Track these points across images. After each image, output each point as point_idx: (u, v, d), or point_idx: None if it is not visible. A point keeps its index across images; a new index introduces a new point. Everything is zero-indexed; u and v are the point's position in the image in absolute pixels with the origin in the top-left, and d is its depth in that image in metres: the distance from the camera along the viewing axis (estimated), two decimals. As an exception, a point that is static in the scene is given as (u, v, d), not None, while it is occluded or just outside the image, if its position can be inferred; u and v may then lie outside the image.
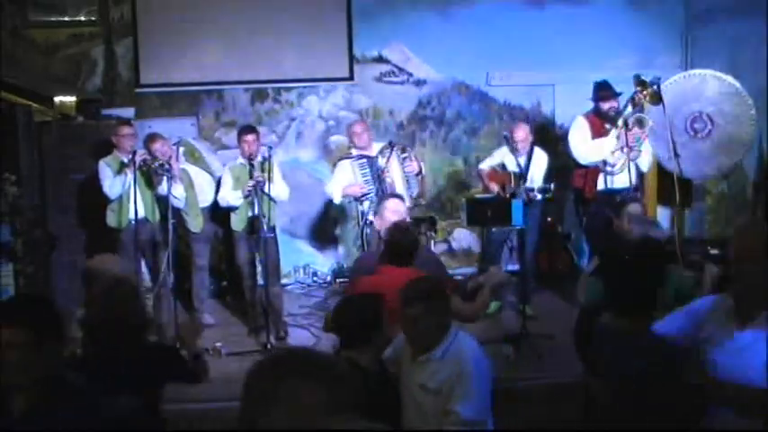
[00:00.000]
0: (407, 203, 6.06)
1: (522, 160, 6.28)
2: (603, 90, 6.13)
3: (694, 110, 6.81)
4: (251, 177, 5.86)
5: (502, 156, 6.58)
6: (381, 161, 6.04)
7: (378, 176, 6.05)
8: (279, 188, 6.05)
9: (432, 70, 7.84)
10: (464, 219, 6.66)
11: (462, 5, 7.72)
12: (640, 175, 6.17)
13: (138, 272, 6.04)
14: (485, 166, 6.68)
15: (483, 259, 7.57)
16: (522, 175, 6.21)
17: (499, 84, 7.88)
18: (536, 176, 6.24)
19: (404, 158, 6.13)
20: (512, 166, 6.43)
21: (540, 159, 6.42)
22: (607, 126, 6.03)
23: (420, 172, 6.23)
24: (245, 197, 5.93)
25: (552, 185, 6.00)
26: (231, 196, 6.03)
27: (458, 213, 7.69)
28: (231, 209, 6.09)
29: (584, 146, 6.11)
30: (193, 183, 6.31)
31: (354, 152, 6.28)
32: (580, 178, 6.23)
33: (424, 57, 7.80)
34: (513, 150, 6.37)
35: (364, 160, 6.13)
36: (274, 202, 6.04)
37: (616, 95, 6.08)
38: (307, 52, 7.60)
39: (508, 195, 6.24)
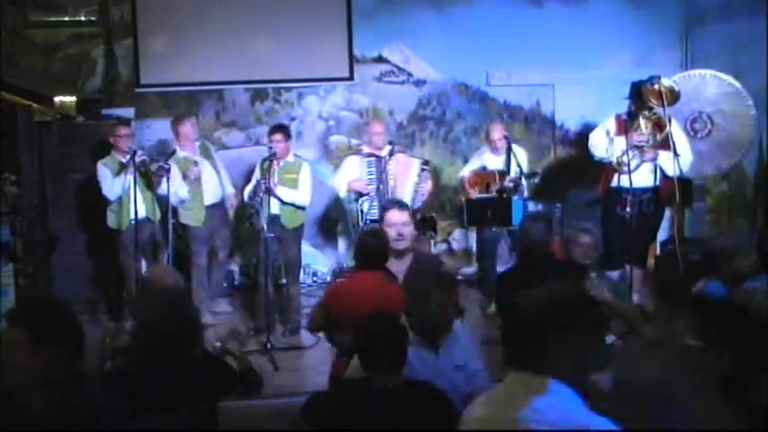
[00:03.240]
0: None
1: (503, 158, 6.36)
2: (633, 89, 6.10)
3: (694, 110, 6.80)
4: (266, 175, 5.87)
5: (481, 159, 6.65)
6: (390, 163, 6.01)
7: (381, 177, 6.03)
8: (295, 193, 6.06)
9: (432, 70, 7.84)
10: (464, 219, 6.67)
11: (462, 5, 7.72)
12: (665, 176, 6.05)
13: (138, 272, 6.05)
14: (465, 172, 6.71)
15: (477, 259, 7.59)
16: (505, 172, 6.26)
17: (499, 84, 7.88)
18: (517, 172, 6.30)
19: (422, 170, 6.09)
20: (492, 167, 6.48)
21: (519, 155, 6.49)
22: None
23: (432, 192, 6.25)
24: (251, 198, 5.97)
25: (540, 170, 6.01)
26: (247, 192, 6.10)
27: (458, 213, 7.69)
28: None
29: (596, 141, 6.08)
30: (201, 176, 6.30)
31: (366, 149, 6.27)
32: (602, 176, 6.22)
33: (424, 57, 7.80)
34: (493, 150, 6.47)
35: (372, 159, 6.11)
36: (289, 205, 6.06)
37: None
38: (307, 52, 7.60)
39: (495, 193, 6.26)
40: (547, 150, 7.81)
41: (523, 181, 6.15)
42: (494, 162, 6.54)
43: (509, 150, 6.41)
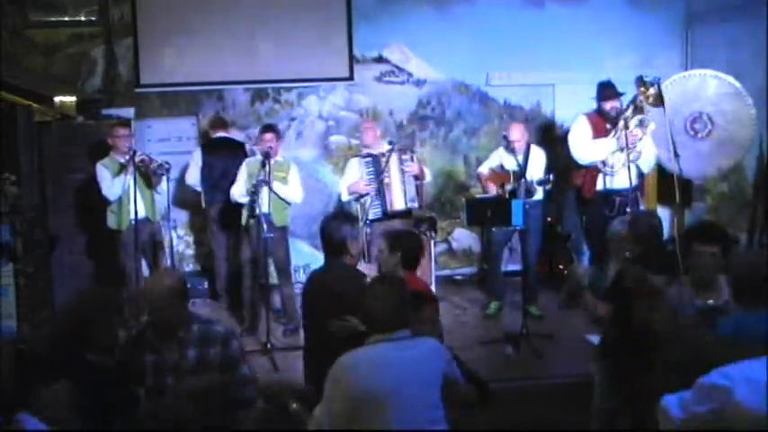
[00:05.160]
0: (402, 206, 6.08)
1: (520, 159, 6.35)
2: (606, 89, 6.15)
3: (694, 110, 6.81)
4: (259, 172, 5.87)
5: (499, 157, 6.62)
6: (383, 161, 6.06)
7: (378, 176, 6.06)
8: (291, 190, 6.06)
9: (432, 70, 7.84)
10: (464, 219, 6.66)
11: (462, 5, 7.72)
12: (641, 175, 6.17)
13: (138, 271, 6.06)
14: (483, 169, 6.70)
15: (483, 259, 7.59)
16: (521, 173, 6.26)
17: (499, 84, 7.88)
18: (535, 174, 6.29)
19: (404, 160, 6.14)
20: (510, 166, 6.47)
21: (538, 157, 6.47)
22: (608, 126, 6.04)
23: (420, 176, 6.24)
24: (251, 194, 5.95)
25: (551, 176, 6.02)
26: (238, 192, 6.06)
27: (458, 213, 7.69)
28: (240, 205, 6.10)
29: (583, 145, 6.13)
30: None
31: (364, 150, 6.31)
32: (580, 178, 6.24)
33: (424, 57, 7.80)
34: (511, 151, 6.43)
35: (369, 159, 6.16)
36: (286, 203, 6.06)
37: (618, 95, 6.09)
38: (307, 52, 7.60)
39: (507, 194, 6.26)
40: (547, 151, 7.79)
41: (536, 186, 6.16)
42: (509, 162, 6.52)
43: (527, 152, 6.40)
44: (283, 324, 6.24)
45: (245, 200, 5.99)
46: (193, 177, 6.85)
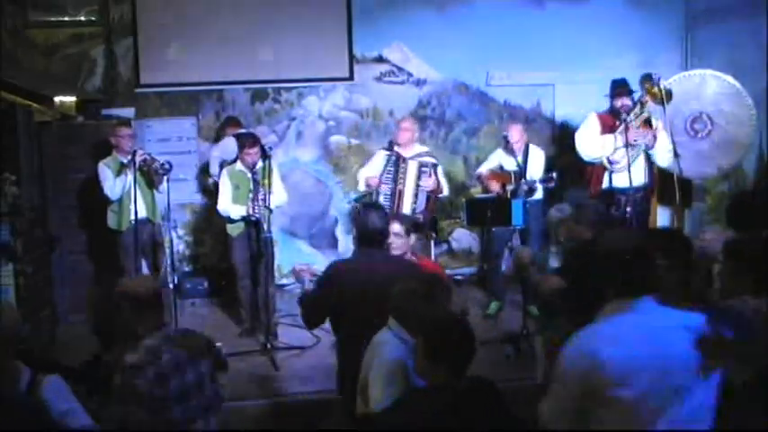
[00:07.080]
0: (408, 213, 6.07)
1: (519, 159, 6.37)
2: (618, 87, 6.14)
3: (694, 110, 6.81)
4: (253, 188, 5.87)
5: (498, 158, 6.65)
6: (402, 168, 6.05)
7: (395, 178, 6.06)
8: (278, 195, 6.03)
9: (432, 70, 7.84)
10: (464, 219, 6.67)
11: (462, 5, 7.72)
12: (653, 172, 6.13)
13: (138, 271, 6.06)
14: (483, 169, 6.71)
15: (483, 259, 7.59)
16: (520, 173, 6.27)
17: (499, 84, 7.88)
18: (534, 173, 6.32)
19: (422, 172, 6.13)
20: (509, 167, 6.48)
21: (537, 156, 6.50)
22: (617, 123, 6.03)
23: (437, 191, 6.24)
24: (248, 216, 5.92)
25: (554, 175, 6.03)
26: (233, 210, 5.99)
27: (458, 213, 7.69)
28: (228, 219, 6.08)
29: (587, 142, 6.11)
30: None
31: (395, 148, 6.29)
32: (585, 176, 6.24)
33: (424, 57, 7.80)
34: (510, 151, 6.45)
35: (394, 157, 6.15)
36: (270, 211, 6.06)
37: (630, 93, 6.07)
38: (307, 52, 7.60)
39: (509, 194, 6.27)
40: (547, 150, 7.80)
41: (538, 185, 6.17)
42: (508, 162, 6.53)
43: (526, 152, 6.42)
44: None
45: (240, 215, 5.97)
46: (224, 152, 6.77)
